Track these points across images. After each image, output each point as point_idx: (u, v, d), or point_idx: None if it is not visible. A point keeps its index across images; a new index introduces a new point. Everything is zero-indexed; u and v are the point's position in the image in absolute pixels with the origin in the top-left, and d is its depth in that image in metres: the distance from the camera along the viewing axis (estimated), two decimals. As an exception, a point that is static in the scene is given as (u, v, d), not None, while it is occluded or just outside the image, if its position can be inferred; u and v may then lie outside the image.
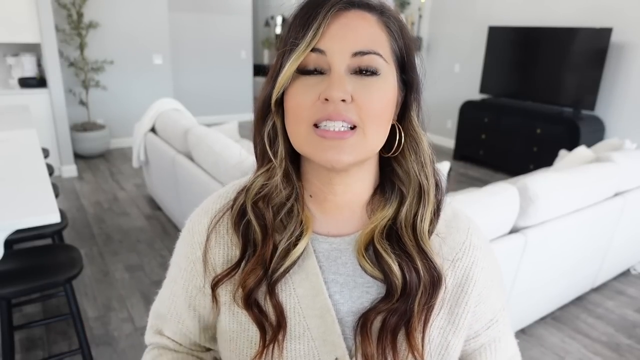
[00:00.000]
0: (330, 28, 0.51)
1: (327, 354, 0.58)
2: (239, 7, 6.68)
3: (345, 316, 0.59)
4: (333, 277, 0.59)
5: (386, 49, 0.54)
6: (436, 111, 6.01)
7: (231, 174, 2.24)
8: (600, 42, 4.09)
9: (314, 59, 0.52)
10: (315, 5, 0.52)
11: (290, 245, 0.57)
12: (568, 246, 2.17)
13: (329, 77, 0.51)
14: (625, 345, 2.22)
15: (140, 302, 2.42)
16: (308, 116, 0.52)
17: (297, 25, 0.53)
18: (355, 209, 0.61)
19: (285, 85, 0.53)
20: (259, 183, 0.59)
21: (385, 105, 0.54)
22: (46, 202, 1.57)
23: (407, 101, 0.58)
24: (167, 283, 0.69)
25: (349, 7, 0.53)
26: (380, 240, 0.57)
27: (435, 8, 5.88)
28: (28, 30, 3.94)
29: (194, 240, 0.64)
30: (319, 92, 0.51)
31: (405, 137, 0.58)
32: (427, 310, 0.58)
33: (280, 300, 0.58)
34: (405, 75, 0.57)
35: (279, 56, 0.54)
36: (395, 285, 0.56)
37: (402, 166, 0.59)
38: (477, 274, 0.62)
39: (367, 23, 0.53)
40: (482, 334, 0.65)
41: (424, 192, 0.58)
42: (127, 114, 5.22)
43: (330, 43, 0.51)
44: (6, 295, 1.57)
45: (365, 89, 0.52)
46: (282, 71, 0.53)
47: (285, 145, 0.57)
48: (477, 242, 0.63)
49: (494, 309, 0.65)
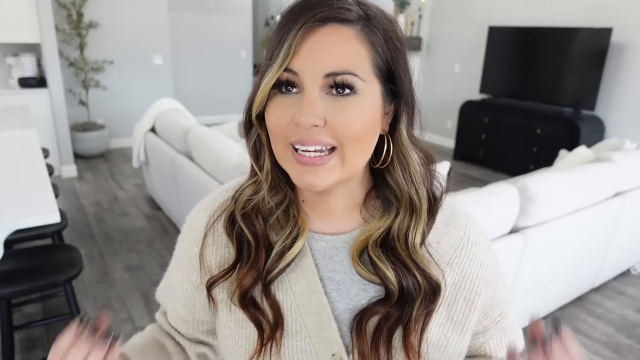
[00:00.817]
0: (301, 47, 0.49)
1: (324, 350, 0.58)
2: (239, 7, 6.68)
3: (342, 313, 0.59)
4: (329, 275, 0.60)
5: (365, 66, 0.50)
6: (436, 111, 6.01)
7: (231, 174, 2.24)
8: (600, 42, 4.09)
9: (287, 77, 0.50)
10: (289, 20, 0.50)
11: (285, 247, 0.57)
12: (568, 246, 2.17)
13: (302, 97, 0.50)
14: (625, 345, 2.22)
15: (140, 302, 2.42)
16: (285, 136, 0.52)
17: (273, 42, 0.51)
18: (348, 211, 0.61)
19: (263, 102, 0.53)
20: (247, 194, 0.59)
21: (365, 125, 0.51)
22: (46, 202, 1.57)
23: (398, 111, 0.55)
24: (170, 270, 0.71)
25: (323, 23, 0.49)
26: (374, 248, 0.57)
27: (435, 8, 5.88)
28: (28, 30, 3.94)
29: (192, 237, 0.65)
30: (293, 113, 0.50)
31: (395, 148, 0.56)
32: (427, 315, 0.58)
33: (277, 298, 0.59)
34: (394, 86, 0.54)
35: (260, 72, 0.53)
36: (392, 291, 0.56)
37: (392, 177, 0.58)
38: (476, 269, 0.62)
39: (343, 39, 0.49)
40: (491, 328, 0.66)
41: (415, 208, 0.57)
42: (127, 114, 5.22)
43: (302, 63, 0.49)
44: (6, 295, 1.57)
45: (341, 111, 0.50)
46: (259, 90, 0.52)
47: (271, 157, 0.57)
48: (475, 238, 0.63)
49: (502, 303, 0.66)
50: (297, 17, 0.49)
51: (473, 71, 5.45)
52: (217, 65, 6.68)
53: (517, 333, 0.70)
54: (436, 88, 6.02)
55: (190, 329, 0.70)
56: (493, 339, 0.67)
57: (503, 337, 0.68)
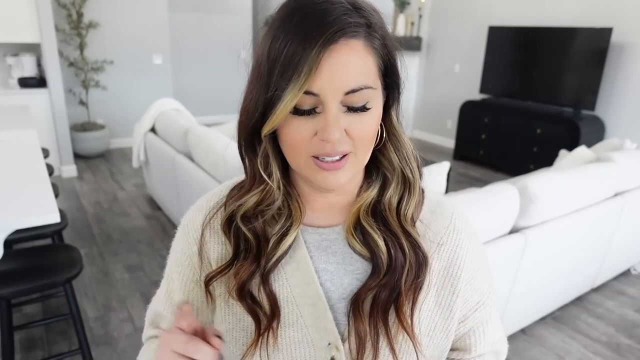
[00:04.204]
0: (322, 69, 0.49)
1: (320, 339, 0.60)
2: (239, 7, 6.68)
3: (336, 303, 0.61)
4: (324, 266, 0.62)
5: (373, 73, 0.53)
6: (436, 111, 6.01)
7: (231, 174, 2.23)
8: (600, 42, 4.09)
9: (307, 100, 0.51)
10: (301, 40, 0.49)
11: (280, 236, 0.60)
12: (568, 246, 2.17)
13: (323, 114, 0.51)
14: (625, 345, 2.22)
15: (140, 302, 2.42)
16: (306, 149, 0.54)
17: (283, 64, 0.50)
18: (344, 205, 0.64)
19: (277, 126, 0.54)
20: (252, 201, 0.60)
21: (375, 129, 0.56)
22: (46, 202, 1.57)
23: (389, 101, 0.59)
24: (164, 282, 0.71)
25: (336, 38, 0.50)
26: (365, 217, 0.61)
27: (435, 8, 5.88)
28: (28, 30, 3.94)
29: (190, 236, 0.66)
30: (315, 129, 0.52)
31: (387, 134, 0.60)
32: (415, 289, 0.60)
33: (274, 290, 0.61)
34: (388, 79, 0.57)
35: (260, 89, 0.52)
36: (381, 260, 0.59)
37: (385, 157, 0.61)
38: (463, 256, 0.64)
39: (356, 54, 0.51)
40: (470, 316, 0.66)
41: (409, 183, 0.61)
42: (127, 114, 5.22)
43: (322, 85, 0.50)
44: (6, 295, 1.57)
45: (358, 122, 0.53)
46: (274, 112, 0.51)
47: (279, 167, 0.59)
48: (461, 225, 0.65)
49: (481, 291, 0.67)
50: (308, 34, 0.49)
51: (473, 71, 5.45)
52: (217, 65, 6.68)
53: (496, 324, 0.70)
54: (436, 88, 6.02)
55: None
56: (474, 332, 0.67)
57: (484, 329, 0.68)
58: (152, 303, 0.73)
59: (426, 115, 6.22)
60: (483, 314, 0.67)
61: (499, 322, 0.72)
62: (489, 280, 0.69)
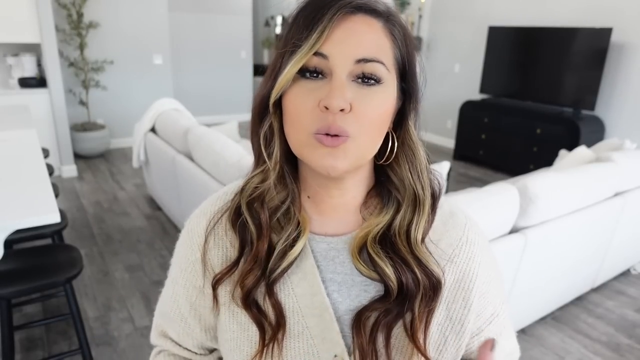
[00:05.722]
0: (334, 32, 0.50)
1: (326, 351, 0.58)
2: (239, 7, 6.68)
3: (343, 314, 0.59)
4: (331, 276, 0.60)
5: (389, 57, 0.53)
6: (436, 111, 6.01)
7: (231, 174, 2.24)
8: (600, 42, 4.09)
9: (316, 62, 0.51)
10: (320, 6, 0.51)
11: (287, 246, 0.58)
12: (568, 246, 2.17)
13: (329, 82, 0.51)
14: (625, 345, 2.22)
15: (140, 302, 2.42)
16: (307, 124, 0.51)
17: (300, 26, 0.51)
18: (350, 209, 0.62)
19: (285, 87, 0.53)
20: (254, 183, 0.59)
21: (382, 114, 0.53)
22: (46, 202, 1.57)
23: (405, 109, 0.57)
24: (169, 283, 0.69)
25: (355, 11, 0.51)
26: (372, 245, 0.58)
27: (435, 8, 5.88)
28: (28, 30, 3.94)
29: (193, 242, 0.64)
30: (318, 98, 0.50)
31: (402, 145, 0.58)
32: (429, 312, 0.58)
33: (279, 299, 0.59)
34: (405, 84, 0.56)
35: (278, 55, 0.53)
36: (391, 288, 0.56)
37: (396, 174, 0.59)
38: (475, 269, 0.62)
39: (373, 29, 0.52)
40: (485, 329, 0.65)
41: (419, 201, 0.58)
42: (127, 114, 5.22)
43: (333, 48, 0.50)
44: (6, 295, 1.57)
45: (366, 98, 0.51)
46: (282, 72, 0.52)
47: (281, 147, 0.57)
48: (474, 237, 0.63)
49: (494, 303, 0.65)
50: (328, 3, 0.51)
51: (473, 71, 5.45)
52: (217, 65, 6.68)
53: (510, 335, 0.70)
54: (436, 88, 6.01)
55: (200, 339, 0.68)
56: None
57: (499, 341, 0.67)
58: (159, 302, 0.72)
59: (426, 115, 6.21)
60: (497, 326, 0.66)
61: (512, 331, 0.71)
62: (502, 290, 0.68)
